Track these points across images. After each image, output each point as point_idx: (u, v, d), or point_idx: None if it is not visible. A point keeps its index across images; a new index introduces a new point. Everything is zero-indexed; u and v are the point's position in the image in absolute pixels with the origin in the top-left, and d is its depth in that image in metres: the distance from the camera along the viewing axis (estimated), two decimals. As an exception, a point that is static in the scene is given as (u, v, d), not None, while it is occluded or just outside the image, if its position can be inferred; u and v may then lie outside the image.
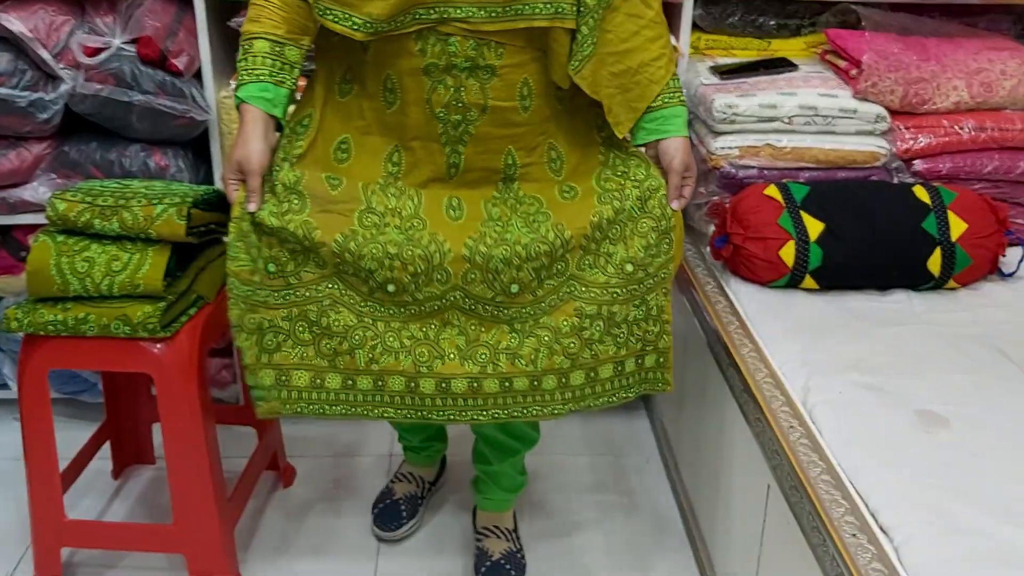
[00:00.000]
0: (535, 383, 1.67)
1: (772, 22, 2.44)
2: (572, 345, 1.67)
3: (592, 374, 1.71)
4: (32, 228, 2.39)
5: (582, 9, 1.52)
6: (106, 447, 2.30)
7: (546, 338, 1.66)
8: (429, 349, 1.65)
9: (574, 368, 1.69)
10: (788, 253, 1.99)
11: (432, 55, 1.53)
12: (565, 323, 1.66)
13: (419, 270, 1.59)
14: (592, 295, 1.68)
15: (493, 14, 1.50)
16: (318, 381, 1.68)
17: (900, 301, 2.03)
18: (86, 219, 1.77)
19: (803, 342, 1.83)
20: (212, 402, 1.93)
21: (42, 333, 1.79)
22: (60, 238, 1.80)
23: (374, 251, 1.59)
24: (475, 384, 1.65)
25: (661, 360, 1.78)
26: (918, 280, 2.04)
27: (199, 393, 1.84)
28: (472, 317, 1.65)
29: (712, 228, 2.22)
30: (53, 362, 1.85)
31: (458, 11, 1.49)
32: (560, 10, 1.52)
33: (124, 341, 1.78)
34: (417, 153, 1.62)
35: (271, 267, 1.62)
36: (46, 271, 1.75)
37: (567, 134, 1.69)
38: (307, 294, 1.64)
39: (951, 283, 2.05)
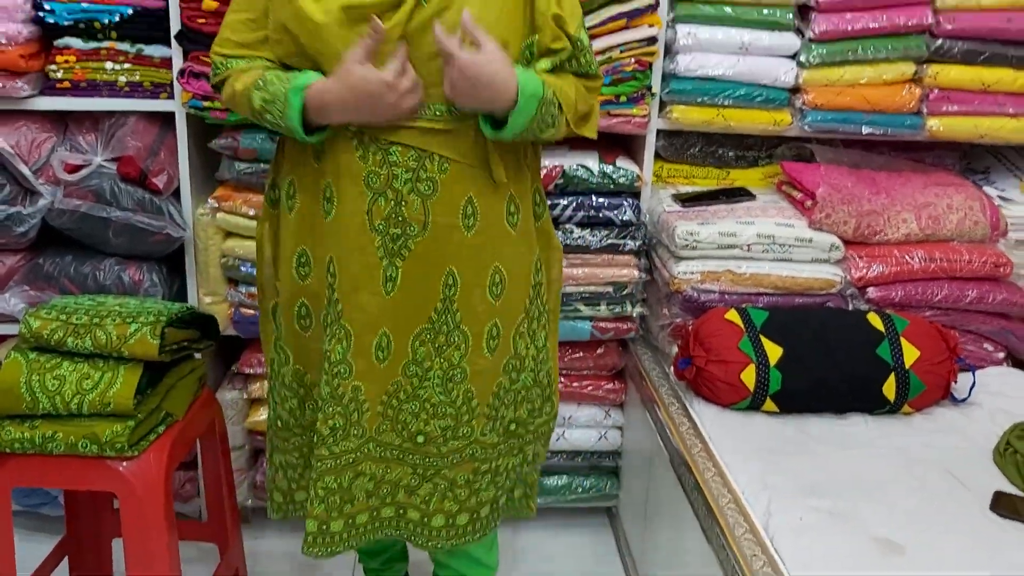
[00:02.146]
0: (425, 519, 1.77)
1: (731, 153, 2.56)
2: (462, 494, 1.77)
3: (475, 515, 1.80)
4: (1, 338, 2.40)
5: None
6: (65, 562, 2.25)
7: (441, 486, 1.75)
8: (341, 496, 1.72)
9: (461, 511, 1.78)
10: (749, 376, 2.05)
11: (373, 163, 1.54)
12: (461, 477, 1.75)
13: (338, 425, 1.66)
14: (486, 455, 1.76)
15: (437, 112, 1.53)
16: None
17: (857, 425, 2.08)
18: (59, 337, 1.79)
19: (764, 465, 1.87)
20: (176, 518, 1.92)
21: (8, 451, 1.78)
22: (32, 355, 1.81)
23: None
24: (375, 512, 1.77)
25: (528, 491, 1.94)
26: (874, 405, 2.10)
27: (164, 512, 1.82)
28: (380, 462, 1.72)
29: (675, 349, 2.28)
30: (17, 480, 1.83)
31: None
32: None
33: (90, 459, 1.78)
34: (352, 267, 1.60)
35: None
36: (16, 389, 1.76)
37: (511, 260, 1.68)
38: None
39: (906, 408, 2.11)
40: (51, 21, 2.20)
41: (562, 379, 2.54)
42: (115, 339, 1.78)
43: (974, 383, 2.20)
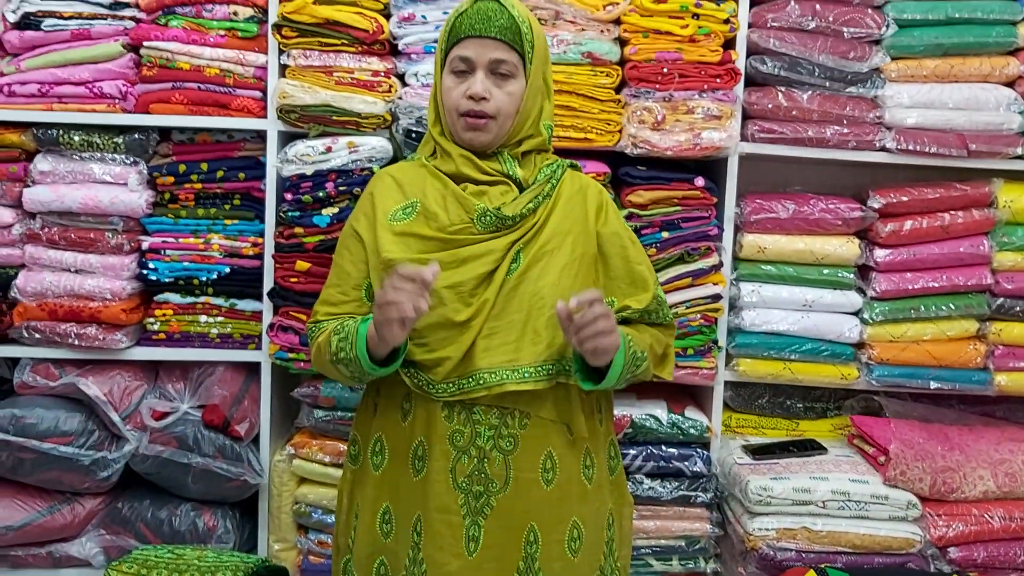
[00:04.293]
0: None
1: (799, 405, 2.58)
2: None
3: None
4: (71, 582, 2.41)
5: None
6: None
7: None
8: None
9: None
10: (833, 645, 1.98)
11: (458, 422, 1.60)
12: None
13: None
14: None
15: (526, 374, 1.59)
16: None
17: None
18: (139, 593, 1.81)
19: None
20: None
21: None
22: (111, 611, 1.82)
23: None
24: None
25: None
26: None
27: None
28: None
29: (753, 610, 2.21)
30: None
31: (492, 376, 1.58)
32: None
33: None
34: (436, 526, 1.61)
35: None
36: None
37: (588, 514, 1.68)
38: None
39: None
40: (153, 278, 2.37)
41: (633, 637, 2.46)
42: (193, 596, 1.80)
43: (1072, 655, 2.09)
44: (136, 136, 2.35)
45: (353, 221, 1.75)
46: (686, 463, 2.38)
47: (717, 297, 2.41)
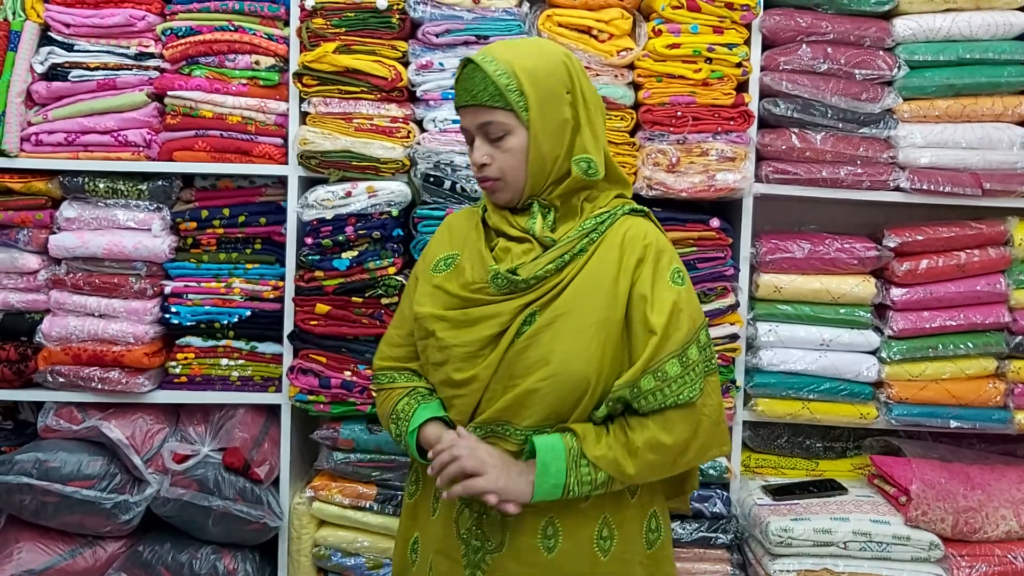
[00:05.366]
0: None
1: (819, 444, 2.58)
2: None
3: None
4: (91, 627, 2.41)
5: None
6: None
7: None
8: None
9: None
10: None
11: None
12: None
13: None
14: None
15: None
16: None
17: None
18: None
19: None
20: None
21: None
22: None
23: None
24: None
25: None
26: None
27: None
28: None
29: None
30: None
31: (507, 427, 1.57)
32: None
33: None
34: (441, 568, 1.60)
35: None
36: None
37: None
38: None
39: None
40: (175, 322, 2.40)
41: None
42: (215, 640, 1.80)
43: None
44: (160, 183, 2.40)
45: (417, 265, 1.77)
46: (706, 504, 2.38)
47: (734, 337, 2.41)
